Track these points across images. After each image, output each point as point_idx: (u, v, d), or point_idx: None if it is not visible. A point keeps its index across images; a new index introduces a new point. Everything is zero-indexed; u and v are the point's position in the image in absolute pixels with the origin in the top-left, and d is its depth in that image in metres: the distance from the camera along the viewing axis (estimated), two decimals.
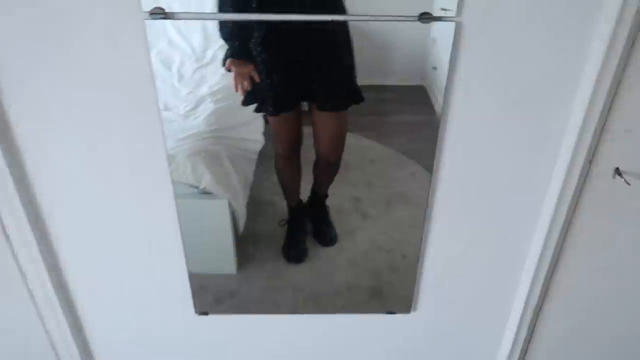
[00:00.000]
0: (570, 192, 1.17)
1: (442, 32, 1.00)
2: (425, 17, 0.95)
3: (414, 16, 0.95)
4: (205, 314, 1.43)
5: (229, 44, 1.02)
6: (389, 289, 1.38)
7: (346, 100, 1.10)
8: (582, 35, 0.98)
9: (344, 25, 0.98)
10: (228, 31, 0.99)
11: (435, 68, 1.12)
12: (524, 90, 1.05)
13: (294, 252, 1.37)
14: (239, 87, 1.06)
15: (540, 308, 1.44)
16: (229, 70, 1.04)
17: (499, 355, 1.58)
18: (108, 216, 1.23)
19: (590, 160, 1.13)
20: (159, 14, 0.91)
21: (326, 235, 1.35)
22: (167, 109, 1.05)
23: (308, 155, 1.20)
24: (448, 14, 0.95)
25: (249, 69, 1.05)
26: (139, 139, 1.09)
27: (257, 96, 1.09)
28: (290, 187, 1.26)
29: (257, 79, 1.06)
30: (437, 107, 1.13)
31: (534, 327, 1.49)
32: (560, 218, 1.22)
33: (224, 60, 1.04)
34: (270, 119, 1.16)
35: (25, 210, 1.16)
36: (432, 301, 1.43)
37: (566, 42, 0.99)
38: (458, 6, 0.94)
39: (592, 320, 1.51)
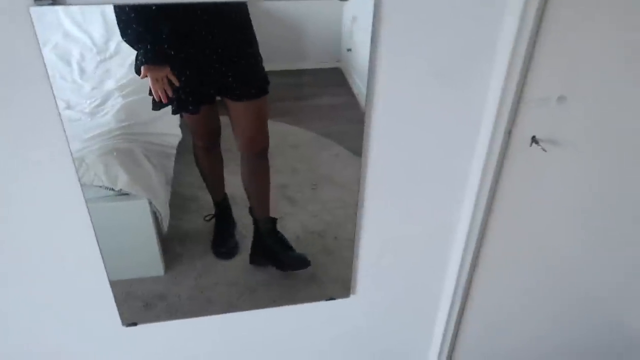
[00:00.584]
0: (493, 162, 1.22)
1: (359, 10, 1.01)
2: None
3: None
4: (134, 324, 1.36)
5: (138, 49, 0.96)
6: (324, 273, 1.39)
7: (258, 89, 1.08)
8: (497, 4, 1.02)
9: (245, 12, 0.96)
10: (135, 35, 0.93)
11: (350, 50, 1.13)
12: (445, 63, 1.08)
13: (224, 248, 1.33)
14: (160, 93, 1.01)
15: (471, 280, 1.50)
16: (145, 76, 0.99)
17: (436, 330, 1.64)
18: (14, 233, 1.13)
19: (509, 130, 1.19)
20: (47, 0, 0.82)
21: (294, 262, 1.35)
22: (69, 107, 0.97)
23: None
24: None
25: (165, 72, 1.00)
26: (37, 144, 1.00)
27: (168, 98, 1.04)
28: (213, 180, 1.22)
29: (175, 82, 1.01)
30: (355, 88, 1.14)
31: (466, 299, 1.55)
32: (485, 188, 1.27)
33: (137, 67, 0.98)
34: (187, 116, 1.11)
35: None
36: (370, 283, 1.45)
37: (481, 11, 1.03)
38: None
39: (519, 288, 1.59)
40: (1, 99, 0.93)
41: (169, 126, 1.13)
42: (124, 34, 0.92)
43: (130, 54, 0.97)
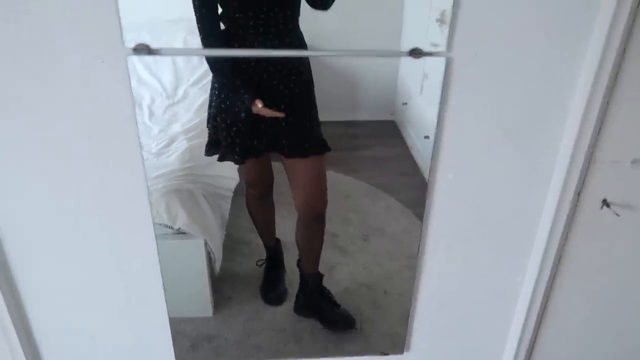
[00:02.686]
0: (561, 223, 1.17)
1: (413, 68, 1.03)
2: (417, 53, 0.96)
3: (404, 52, 0.96)
4: None
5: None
6: (371, 327, 1.35)
7: (312, 148, 1.09)
8: (569, 67, 1.01)
9: (308, 75, 1.00)
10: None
11: (405, 103, 1.15)
12: (514, 122, 1.06)
13: (272, 294, 1.34)
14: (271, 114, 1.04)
15: (534, 341, 1.41)
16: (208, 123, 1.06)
17: None
18: (85, 266, 1.18)
19: (579, 192, 1.14)
20: (143, 49, 0.88)
21: (338, 320, 1.32)
22: None
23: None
24: (438, 49, 0.96)
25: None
26: (121, 179, 1.05)
27: (217, 145, 1.09)
28: (264, 227, 1.24)
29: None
30: (409, 141, 1.15)
31: (530, 358, 1.45)
32: (552, 250, 1.21)
33: (246, 109, 1.03)
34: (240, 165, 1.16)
35: None
36: (426, 341, 1.38)
37: (554, 74, 1.01)
38: (448, 42, 0.95)
39: (583, 355, 1.48)
40: (99, 137, 0.99)
41: (227, 169, 1.18)
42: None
43: (195, 99, 1.04)
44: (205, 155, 1.09)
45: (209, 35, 0.91)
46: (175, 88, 1.02)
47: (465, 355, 1.44)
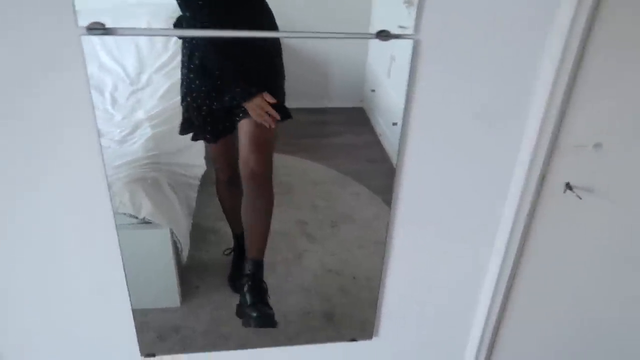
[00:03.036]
0: (526, 207, 1.20)
1: (381, 53, 1.03)
2: (384, 35, 0.95)
3: (371, 34, 0.96)
4: (152, 355, 1.35)
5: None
6: (341, 313, 1.36)
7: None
8: (536, 51, 1.03)
9: (277, 45, 0.99)
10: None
11: (373, 90, 1.15)
12: (480, 106, 1.08)
13: (239, 282, 1.32)
14: (267, 117, 1.05)
15: (499, 326, 1.46)
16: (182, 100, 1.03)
17: None
18: (43, 257, 1.15)
19: (544, 176, 1.17)
20: (98, 29, 0.84)
21: (261, 316, 1.30)
22: (101, 135, 1.01)
23: None
24: (406, 31, 0.96)
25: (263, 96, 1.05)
26: (76, 167, 1.03)
27: (192, 124, 1.07)
28: (233, 213, 1.23)
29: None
30: (377, 128, 1.15)
31: (494, 344, 1.50)
32: (517, 234, 1.25)
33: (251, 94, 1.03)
34: (208, 145, 1.13)
35: None
36: (394, 326, 1.41)
37: (521, 57, 1.03)
38: (416, 24, 0.95)
39: (548, 335, 1.53)
40: (52, 120, 0.96)
41: (194, 157, 1.15)
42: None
43: (160, 86, 1.01)
44: (180, 134, 1.06)
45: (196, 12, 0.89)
46: (139, 74, 0.99)
47: (432, 341, 1.48)
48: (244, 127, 1.08)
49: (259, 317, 1.30)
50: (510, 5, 0.98)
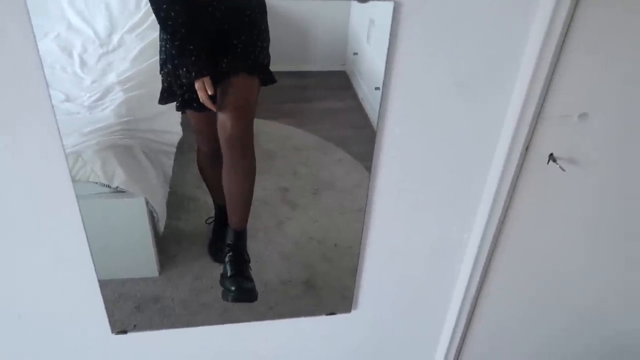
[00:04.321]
0: (508, 179, 1.19)
1: (378, 14, 0.99)
2: None
3: None
4: (124, 332, 1.32)
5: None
6: (323, 281, 1.36)
7: (249, 67, 1.03)
8: (523, 17, 1.00)
9: (262, 5, 0.94)
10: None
11: (356, 53, 1.11)
12: (464, 74, 1.05)
13: (221, 252, 1.30)
14: (208, 101, 1.01)
15: (478, 298, 1.47)
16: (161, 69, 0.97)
17: (439, 347, 1.61)
18: (4, 234, 1.10)
19: (527, 147, 1.16)
20: None
21: (243, 289, 1.27)
22: (69, 99, 0.95)
23: None
24: None
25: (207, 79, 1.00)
26: (28, 137, 0.96)
27: (175, 93, 1.01)
28: (216, 185, 1.19)
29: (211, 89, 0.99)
30: (360, 93, 1.12)
31: (472, 316, 1.52)
32: (499, 206, 1.24)
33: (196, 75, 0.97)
34: (191, 115, 1.08)
35: None
36: (373, 299, 1.42)
37: (507, 24, 1.00)
38: None
39: (527, 305, 1.56)
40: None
41: (170, 123, 1.11)
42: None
43: (133, 48, 0.95)
44: (160, 103, 1.01)
45: None
46: (110, 35, 0.92)
47: (411, 314, 1.50)
48: (222, 90, 1.03)
49: (238, 291, 1.29)
50: None
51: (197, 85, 0.98)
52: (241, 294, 1.30)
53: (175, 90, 1.00)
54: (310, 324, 1.44)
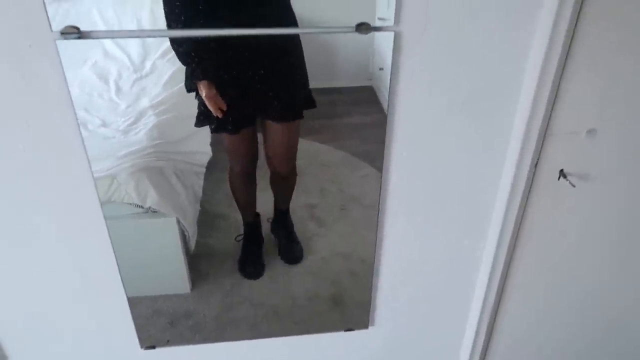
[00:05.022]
0: (518, 195, 1.19)
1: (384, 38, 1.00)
2: (363, 28, 0.94)
3: (351, 27, 0.93)
4: (152, 347, 1.34)
5: (189, 64, 0.97)
6: (349, 296, 1.36)
7: (300, 108, 1.08)
8: (522, 37, 1.00)
9: (296, 35, 0.96)
10: (184, 54, 0.94)
11: (382, 69, 1.12)
12: (468, 94, 1.06)
13: (251, 268, 1.32)
14: (215, 109, 1.01)
15: (497, 309, 1.46)
16: (197, 93, 1.00)
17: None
18: (31, 251, 1.13)
19: (536, 163, 1.16)
20: (72, 33, 0.83)
21: (291, 253, 1.31)
22: (105, 125, 0.99)
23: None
24: (386, 23, 0.94)
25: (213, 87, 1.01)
26: (61, 165, 1.01)
27: (210, 116, 1.04)
28: (246, 203, 1.22)
29: (222, 104, 1.02)
30: (386, 107, 1.13)
31: (491, 332, 1.50)
32: (510, 222, 1.24)
33: (188, 84, 0.99)
34: (226, 137, 1.11)
35: None
36: (390, 314, 1.41)
37: (507, 44, 1.01)
38: (396, 16, 0.93)
39: (545, 320, 1.54)
40: (27, 122, 0.95)
41: (200, 144, 1.13)
42: (178, 54, 0.93)
43: (164, 73, 0.98)
44: (196, 126, 1.04)
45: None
46: (143, 60, 0.96)
47: (429, 329, 1.49)
48: (268, 128, 1.10)
49: (291, 253, 1.33)
50: None
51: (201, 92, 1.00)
52: (293, 257, 1.34)
53: (210, 113, 1.02)
54: (328, 339, 1.44)
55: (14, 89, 0.90)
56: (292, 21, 0.91)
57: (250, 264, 1.30)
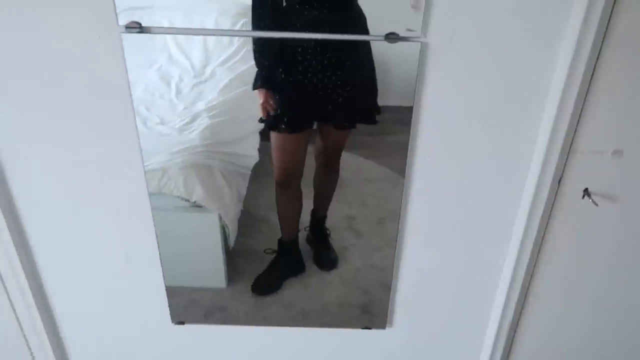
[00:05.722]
0: (539, 210, 1.18)
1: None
2: (392, 37, 0.97)
3: (380, 36, 0.97)
4: (182, 323, 1.41)
5: (260, 70, 1.02)
6: (379, 307, 1.38)
7: (362, 118, 1.11)
8: (547, 52, 1.00)
9: (367, 44, 0.99)
10: (260, 57, 1.00)
11: None
12: (491, 108, 1.07)
13: (263, 287, 1.36)
14: (263, 112, 1.07)
15: (517, 323, 1.44)
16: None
17: None
18: (85, 227, 1.23)
19: (559, 180, 1.15)
20: (135, 27, 0.91)
21: (326, 260, 1.34)
22: (162, 123, 1.04)
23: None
24: (414, 34, 0.96)
25: (270, 95, 1.06)
26: (115, 152, 1.10)
27: (276, 115, 1.09)
28: (288, 220, 1.26)
29: (272, 107, 1.07)
30: None
31: (512, 342, 1.49)
32: (532, 234, 1.23)
33: (255, 85, 1.04)
34: (276, 140, 1.14)
35: (9, 225, 1.17)
36: (408, 316, 1.42)
37: (531, 59, 1.01)
38: (423, 27, 0.95)
39: (565, 333, 1.51)
40: (94, 109, 1.03)
41: (248, 148, 1.17)
42: (255, 53, 0.99)
43: (222, 79, 1.03)
44: (259, 122, 1.10)
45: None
46: (204, 67, 1.01)
47: (445, 336, 1.48)
48: (325, 129, 1.14)
49: (326, 260, 1.35)
50: (519, 5, 0.95)
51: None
52: (328, 265, 1.36)
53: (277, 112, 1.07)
54: (345, 335, 1.46)
55: (81, 73, 0.99)
56: (363, 27, 0.96)
57: (265, 283, 1.34)
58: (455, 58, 1.00)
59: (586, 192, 1.17)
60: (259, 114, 1.07)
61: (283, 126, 1.10)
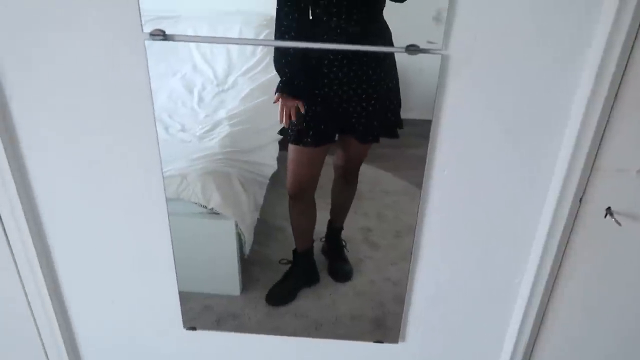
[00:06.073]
0: (560, 227, 1.16)
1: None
2: (412, 49, 0.96)
3: (401, 47, 0.96)
4: (193, 328, 1.41)
5: (281, 77, 1.02)
6: (393, 321, 1.37)
7: (384, 132, 1.11)
8: (571, 67, 0.98)
9: (392, 57, 0.99)
10: (280, 64, 0.99)
11: None
12: (513, 122, 1.05)
13: (277, 298, 1.36)
14: (285, 119, 1.06)
15: (535, 341, 1.41)
16: (276, 102, 1.05)
17: None
18: (102, 229, 1.24)
19: (580, 198, 1.12)
20: (159, 35, 0.93)
21: (341, 271, 1.34)
22: (184, 130, 1.05)
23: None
24: (435, 46, 0.96)
25: (295, 103, 1.05)
26: (135, 157, 1.10)
27: (294, 126, 1.08)
28: (302, 231, 1.25)
29: (302, 110, 1.05)
30: None
31: (531, 355, 1.47)
32: (552, 251, 1.20)
33: (276, 92, 1.04)
34: (295, 153, 1.14)
35: (29, 225, 1.19)
36: (421, 331, 1.40)
37: (554, 75, 0.99)
38: (444, 39, 0.95)
39: (584, 355, 1.47)
40: (116, 114, 1.04)
41: (267, 157, 1.18)
42: (275, 61, 0.99)
43: (244, 89, 1.04)
44: (278, 134, 1.11)
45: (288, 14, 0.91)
46: (227, 76, 1.02)
47: (459, 354, 1.46)
48: (347, 142, 1.14)
49: (341, 272, 1.35)
50: (542, 20, 0.93)
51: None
52: (343, 276, 1.36)
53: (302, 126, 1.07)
54: (356, 348, 1.44)
55: (105, 77, 1.00)
56: (388, 39, 0.96)
57: (279, 295, 1.34)
58: (476, 71, 0.99)
59: (609, 211, 1.15)
60: (280, 124, 1.07)
61: (308, 139, 1.10)
